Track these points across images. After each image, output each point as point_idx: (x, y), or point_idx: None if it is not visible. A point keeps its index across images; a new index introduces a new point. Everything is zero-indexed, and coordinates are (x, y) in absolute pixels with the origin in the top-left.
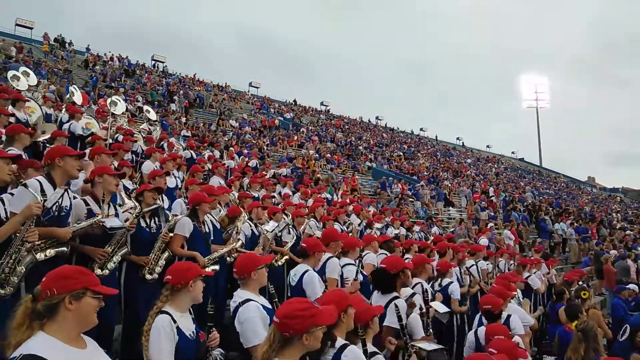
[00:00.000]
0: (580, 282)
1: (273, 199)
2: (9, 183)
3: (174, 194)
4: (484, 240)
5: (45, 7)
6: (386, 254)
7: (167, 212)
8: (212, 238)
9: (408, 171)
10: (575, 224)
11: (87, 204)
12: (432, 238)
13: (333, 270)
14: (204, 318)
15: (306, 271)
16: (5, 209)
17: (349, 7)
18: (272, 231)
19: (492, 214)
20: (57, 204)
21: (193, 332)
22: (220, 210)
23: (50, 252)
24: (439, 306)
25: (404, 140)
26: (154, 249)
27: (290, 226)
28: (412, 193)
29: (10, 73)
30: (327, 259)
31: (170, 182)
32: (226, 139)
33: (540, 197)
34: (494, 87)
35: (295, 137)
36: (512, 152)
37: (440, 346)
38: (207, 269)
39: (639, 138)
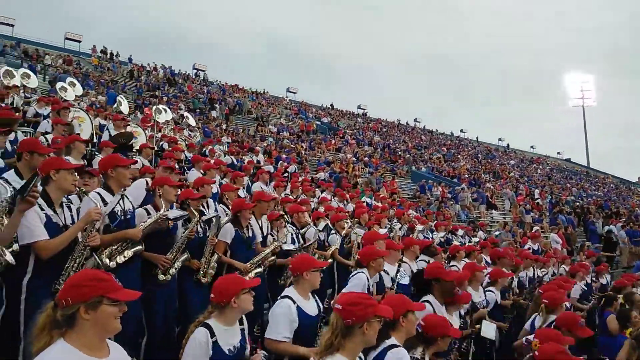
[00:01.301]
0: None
1: (312, 204)
2: (72, 192)
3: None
4: (529, 245)
5: (91, 19)
6: (426, 260)
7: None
8: (260, 240)
9: (448, 174)
10: (627, 227)
11: (148, 213)
12: (476, 242)
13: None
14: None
15: (356, 274)
16: (71, 215)
17: (378, 7)
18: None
19: (538, 217)
20: (120, 209)
21: (234, 347)
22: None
23: (128, 253)
24: (486, 329)
25: (444, 142)
26: (205, 253)
27: (332, 231)
28: (452, 196)
29: (58, 85)
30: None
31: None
32: (265, 145)
33: (589, 199)
34: (536, 85)
35: (333, 141)
36: (558, 153)
37: None
38: (251, 274)
39: None
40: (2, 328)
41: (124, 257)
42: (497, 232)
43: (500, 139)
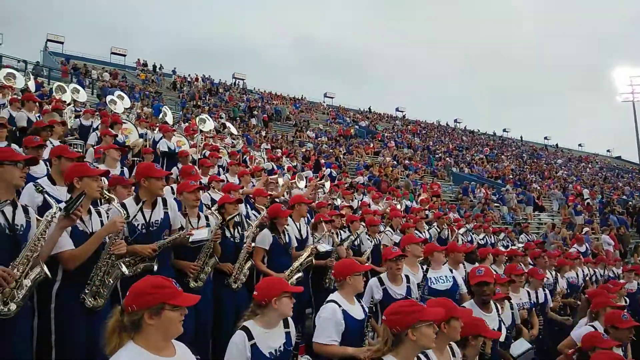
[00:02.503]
0: None
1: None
2: (97, 199)
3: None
4: (576, 247)
5: (134, 32)
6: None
7: (249, 221)
8: (296, 245)
9: (492, 175)
10: None
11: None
12: (520, 245)
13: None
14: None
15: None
16: (101, 221)
17: (411, 7)
18: (348, 240)
19: (588, 217)
20: (143, 221)
21: (275, 350)
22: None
23: (139, 268)
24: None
25: (486, 143)
26: (239, 259)
27: (366, 235)
28: (498, 198)
29: (108, 98)
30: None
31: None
32: (304, 150)
33: None
34: (582, 81)
35: (371, 145)
36: (608, 151)
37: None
38: (292, 280)
39: None
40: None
41: (134, 270)
42: (545, 234)
43: (546, 138)
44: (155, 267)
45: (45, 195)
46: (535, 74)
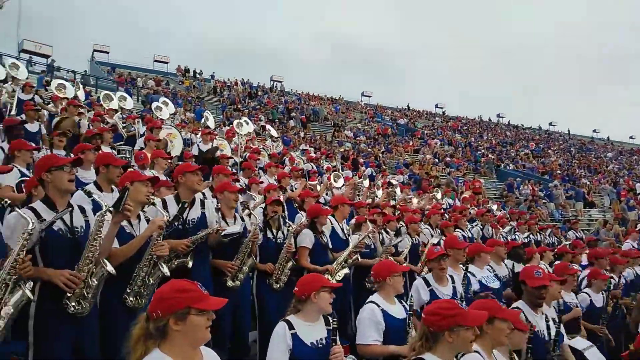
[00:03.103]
0: None
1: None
2: (145, 204)
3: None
4: (627, 244)
5: (176, 39)
6: (513, 263)
7: (290, 222)
8: (330, 247)
9: (538, 170)
10: None
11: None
12: (567, 242)
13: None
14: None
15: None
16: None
17: (447, 2)
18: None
19: None
20: (185, 218)
21: (317, 342)
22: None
23: (173, 264)
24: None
25: (531, 137)
26: (280, 259)
27: (405, 234)
28: (545, 194)
29: (154, 105)
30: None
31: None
32: (342, 150)
33: None
34: (632, 70)
35: (411, 143)
36: None
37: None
38: (340, 273)
39: None
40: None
41: (168, 267)
42: (596, 231)
43: (594, 131)
44: (190, 264)
45: (95, 197)
46: (582, 65)
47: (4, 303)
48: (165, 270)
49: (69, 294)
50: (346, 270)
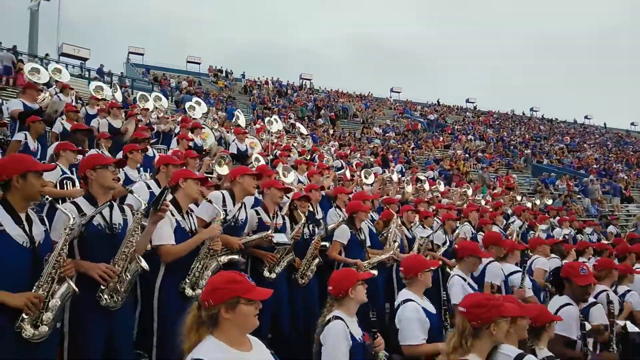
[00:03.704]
0: None
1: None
2: (196, 200)
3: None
4: None
5: (206, 40)
6: (558, 259)
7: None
8: (369, 244)
9: (574, 165)
10: None
11: (258, 214)
12: (609, 239)
13: (494, 275)
14: (366, 322)
15: (452, 276)
16: (194, 222)
17: None
18: (427, 237)
19: None
20: (234, 216)
21: (361, 337)
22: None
23: (225, 259)
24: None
25: (566, 131)
26: (307, 255)
27: (442, 230)
28: (580, 189)
29: (187, 104)
30: (487, 264)
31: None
32: (371, 146)
33: None
34: None
35: (441, 138)
36: None
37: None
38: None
39: None
40: (139, 324)
41: (220, 261)
42: (635, 227)
43: (632, 124)
44: (241, 259)
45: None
46: (617, 56)
47: (52, 295)
48: (221, 261)
49: (102, 287)
50: (375, 272)
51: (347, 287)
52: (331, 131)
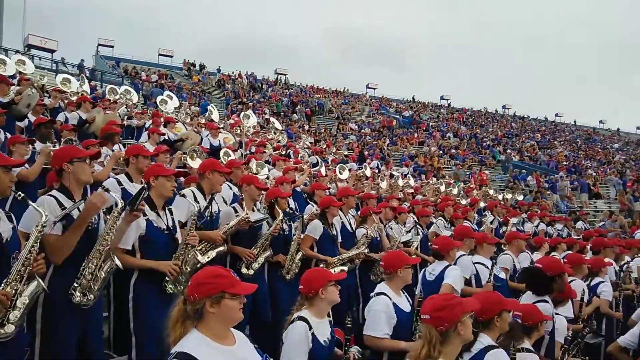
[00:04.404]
0: None
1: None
2: (170, 197)
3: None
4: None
5: (180, 33)
6: (529, 253)
7: (297, 214)
8: (340, 240)
9: (544, 162)
10: None
11: (235, 211)
12: (577, 235)
13: (465, 268)
14: (340, 319)
15: (447, 266)
16: (172, 219)
17: None
18: (408, 240)
19: None
20: (209, 210)
21: (328, 339)
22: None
23: (212, 254)
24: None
25: (537, 129)
26: (290, 250)
27: (417, 225)
28: (550, 186)
29: (158, 98)
30: (459, 257)
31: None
32: (347, 142)
33: None
34: (636, 59)
35: (416, 135)
36: None
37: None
38: (335, 269)
39: None
40: (115, 325)
41: (208, 257)
42: (602, 222)
43: (601, 121)
44: (225, 250)
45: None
46: (587, 55)
47: (20, 294)
48: (200, 257)
49: (75, 285)
50: (345, 268)
51: (318, 287)
52: (307, 127)
